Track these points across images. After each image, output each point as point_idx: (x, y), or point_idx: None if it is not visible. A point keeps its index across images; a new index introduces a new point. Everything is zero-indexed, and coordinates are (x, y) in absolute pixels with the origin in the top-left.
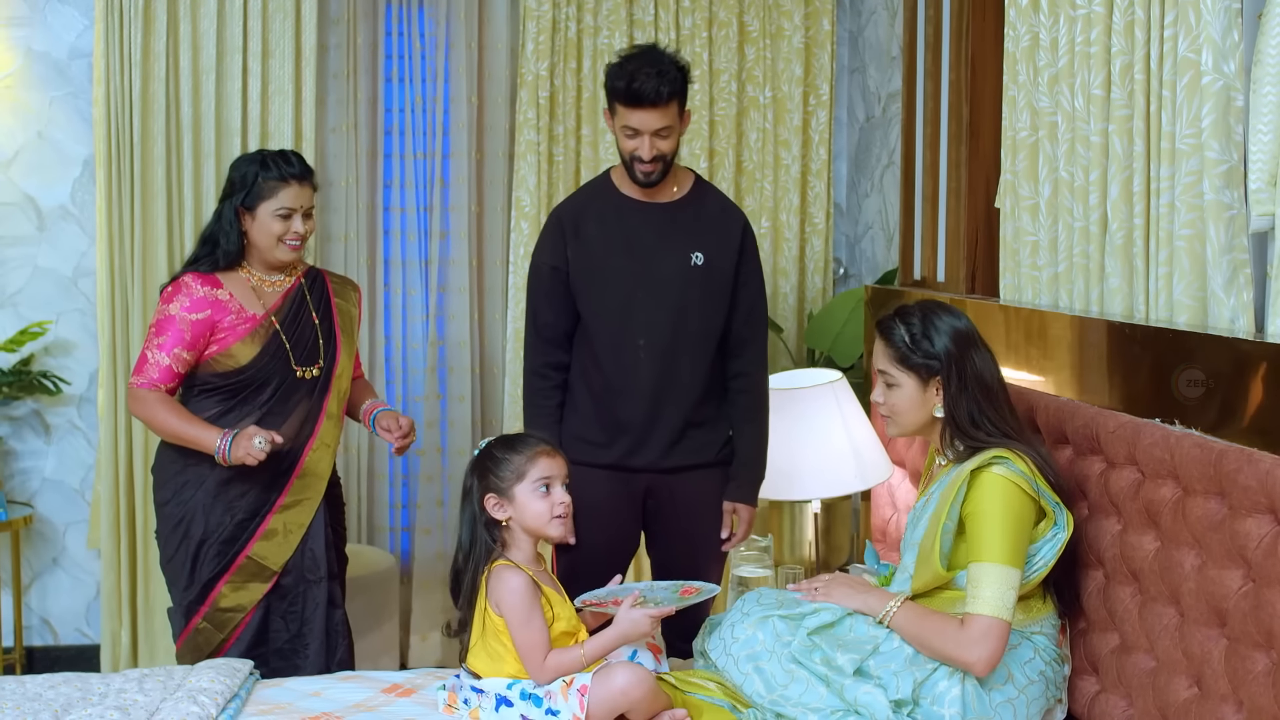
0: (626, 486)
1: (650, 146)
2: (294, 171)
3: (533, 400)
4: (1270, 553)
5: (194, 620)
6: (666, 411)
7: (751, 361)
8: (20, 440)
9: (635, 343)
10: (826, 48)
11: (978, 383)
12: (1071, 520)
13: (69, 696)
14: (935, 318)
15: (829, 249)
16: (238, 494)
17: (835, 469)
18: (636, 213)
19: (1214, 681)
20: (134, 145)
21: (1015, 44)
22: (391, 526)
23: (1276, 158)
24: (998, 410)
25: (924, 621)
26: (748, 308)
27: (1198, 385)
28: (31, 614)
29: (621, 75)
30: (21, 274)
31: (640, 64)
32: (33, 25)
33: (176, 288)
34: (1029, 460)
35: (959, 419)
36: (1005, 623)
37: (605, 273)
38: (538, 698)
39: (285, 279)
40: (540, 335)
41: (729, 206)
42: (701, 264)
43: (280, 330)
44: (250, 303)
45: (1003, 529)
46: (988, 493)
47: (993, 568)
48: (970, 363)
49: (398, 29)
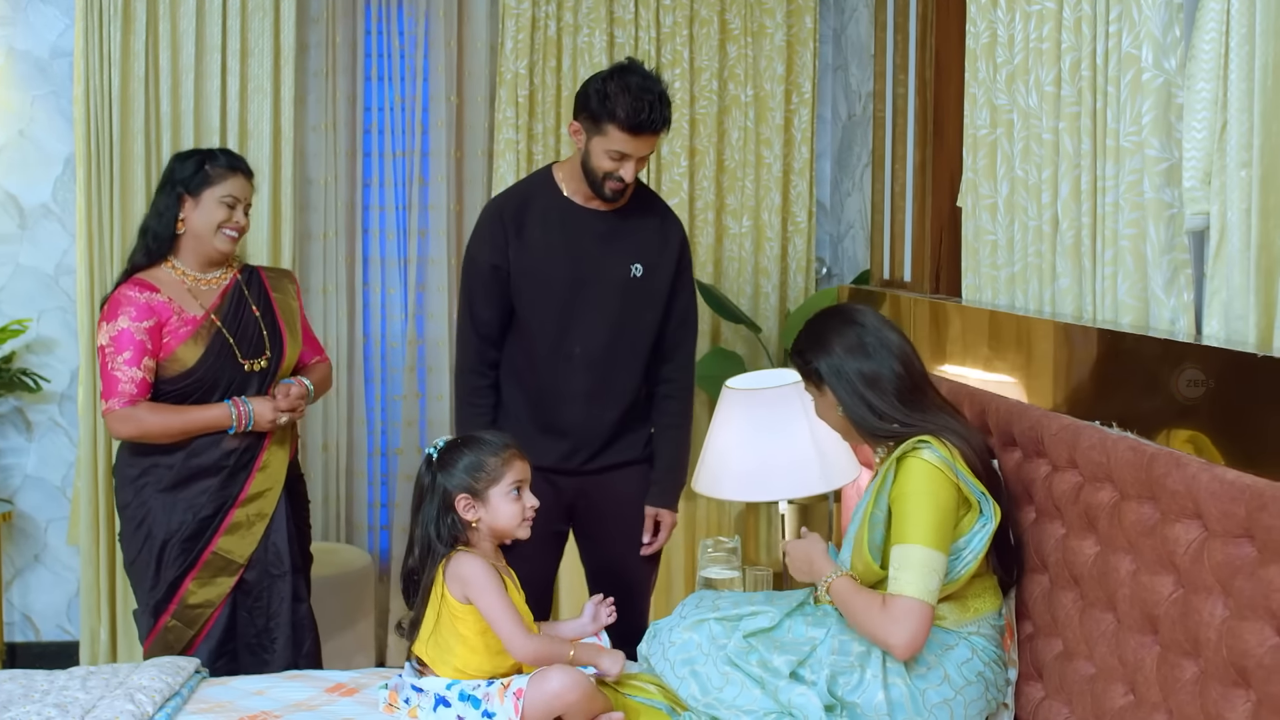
0: (555, 488)
1: (634, 170)
2: (240, 165)
3: (470, 400)
4: (1197, 559)
5: (162, 619)
6: (601, 417)
7: (680, 367)
8: (2, 437)
9: (572, 350)
10: (809, 45)
11: (864, 381)
12: (998, 510)
13: (11, 693)
14: (815, 331)
15: (811, 248)
16: (198, 490)
17: (800, 470)
18: (580, 218)
19: (1146, 689)
20: (114, 144)
21: (976, 40)
22: (370, 525)
23: (1210, 155)
24: (897, 404)
25: (855, 596)
26: (681, 315)
27: (1143, 388)
28: (14, 610)
29: (622, 101)
30: (3, 272)
31: (642, 92)
32: (14, 24)
33: (115, 303)
34: (952, 447)
35: (854, 418)
36: (926, 605)
37: (545, 277)
38: (475, 699)
39: (221, 276)
40: (477, 333)
41: (668, 215)
42: (640, 275)
43: (222, 328)
44: (188, 304)
45: (924, 511)
46: (910, 476)
47: (914, 549)
48: (851, 366)
49: (377, 27)
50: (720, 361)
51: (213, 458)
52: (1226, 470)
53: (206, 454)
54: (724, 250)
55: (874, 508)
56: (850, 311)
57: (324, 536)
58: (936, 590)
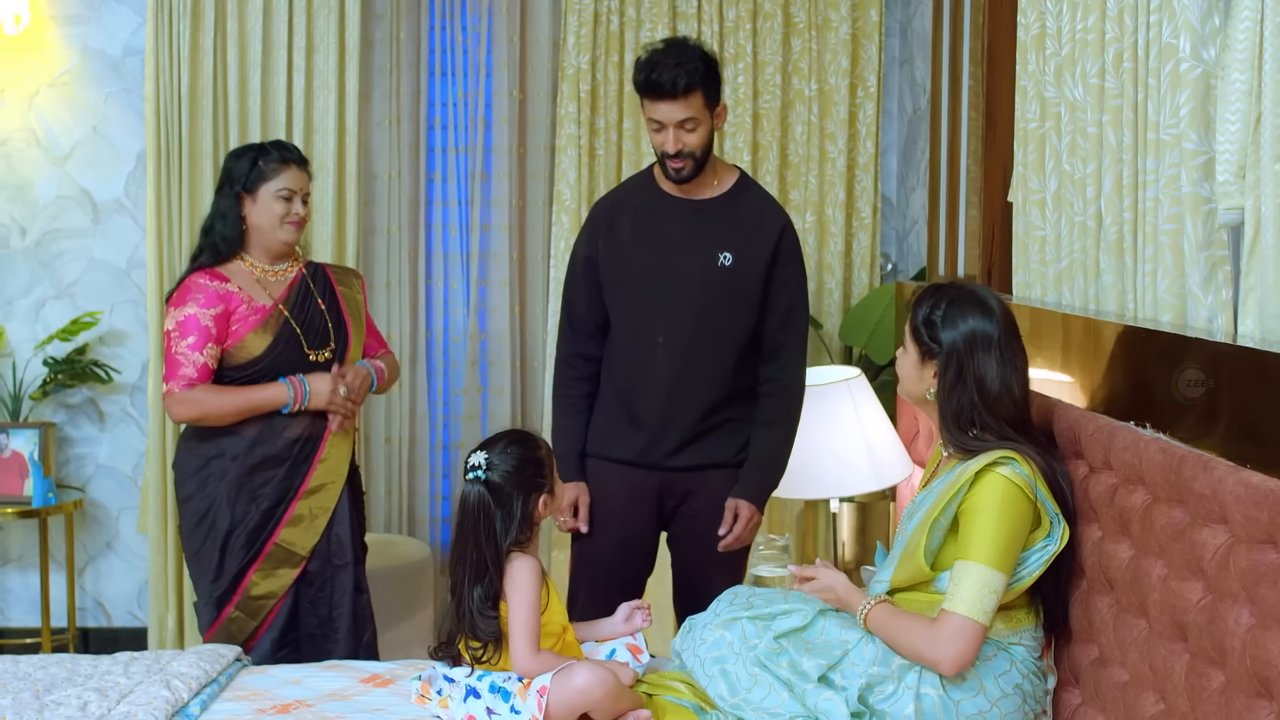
0: (642, 483)
1: (675, 140)
2: (293, 156)
3: (560, 390)
4: (1224, 565)
5: (226, 610)
6: (682, 411)
7: (784, 367)
8: (76, 427)
9: (655, 339)
10: (874, 39)
11: (978, 385)
12: (1067, 533)
13: (55, 676)
14: (959, 308)
15: (875, 244)
16: (261, 482)
17: (850, 468)
18: (668, 208)
19: (1176, 698)
20: (183, 140)
21: (1026, 32)
22: (432, 518)
23: (1245, 148)
24: (996, 418)
25: (896, 619)
26: (784, 312)
27: (1189, 386)
28: (86, 596)
29: (643, 67)
30: (77, 265)
31: (662, 55)
32: (89, 23)
33: (185, 290)
34: (1035, 465)
35: (947, 412)
36: (980, 625)
37: (630, 267)
38: (506, 691)
39: (288, 268)
40: (572, 325)
41: (769, 207)
42: (729, 264)
43: (290, 318)
44: (258, 294)
45: (995, 530)
46: (987, 492)
47: (976, 568)
48: (973, 363)
49: (441, 23)
50: None
51: (276, 446)
52: (1252, 474)
53: (270, 443)
54: None
55: (940, 514)
56: (995, 306)
57: (385, 529)
58: (991, 612)
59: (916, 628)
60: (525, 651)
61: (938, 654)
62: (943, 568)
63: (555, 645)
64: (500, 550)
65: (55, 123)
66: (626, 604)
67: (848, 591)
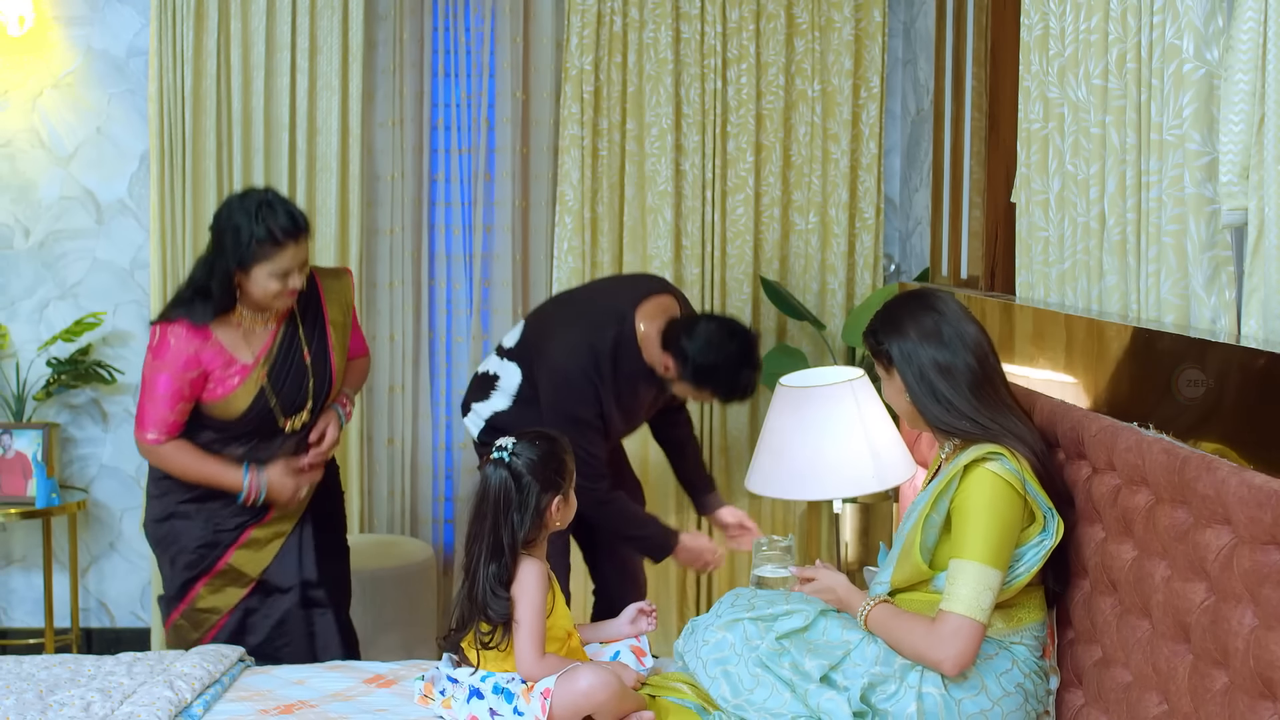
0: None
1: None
2: (292, 233)
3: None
4: (1227, 566)
5: (173, 615)
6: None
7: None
8: (79, 428)
9: None
10: (877, 40)
11: (935, 369)
12: (1061, 526)
13: (58, 677)
14: (896, 309)
15: (879, 245)
16: (220, 505)
17: (853, 468)
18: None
19: (1179, 699)
20: (186, 141)
21: (1029, 32)
22: (434, 519)
23: (1248, 149)
24: (968, 395)
25: (896, 620)
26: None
27: (1192, 387)
28: (89, 596)
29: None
30: (80, 266)
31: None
32: (92, 24)
33: (164, 339)
34: (1024, 459)
35: (920, 406)
36: (978, 623)
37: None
38: (509, 692)
39: (278, 312)
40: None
41: None
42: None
43: (267, 385)
44: (240, 350)
45: (987, 527)
46: (976, 488)
47: (972, 566)
48: (922, 350)
49: (444, 24)
50: (784, 359)
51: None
52: (1255, 475)
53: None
54: (790, 246)
55: (931, 510)
56: (930, 297)
57: (388, 529)
58: (989, 608)
59: (916, 629)
60: (530, 655)
61: (938, 654)
62: (941, 567)
63: (561, 649)
64: (515, 535)
65: (59, 123)
66: (631, 606)
67: (848, 592)
